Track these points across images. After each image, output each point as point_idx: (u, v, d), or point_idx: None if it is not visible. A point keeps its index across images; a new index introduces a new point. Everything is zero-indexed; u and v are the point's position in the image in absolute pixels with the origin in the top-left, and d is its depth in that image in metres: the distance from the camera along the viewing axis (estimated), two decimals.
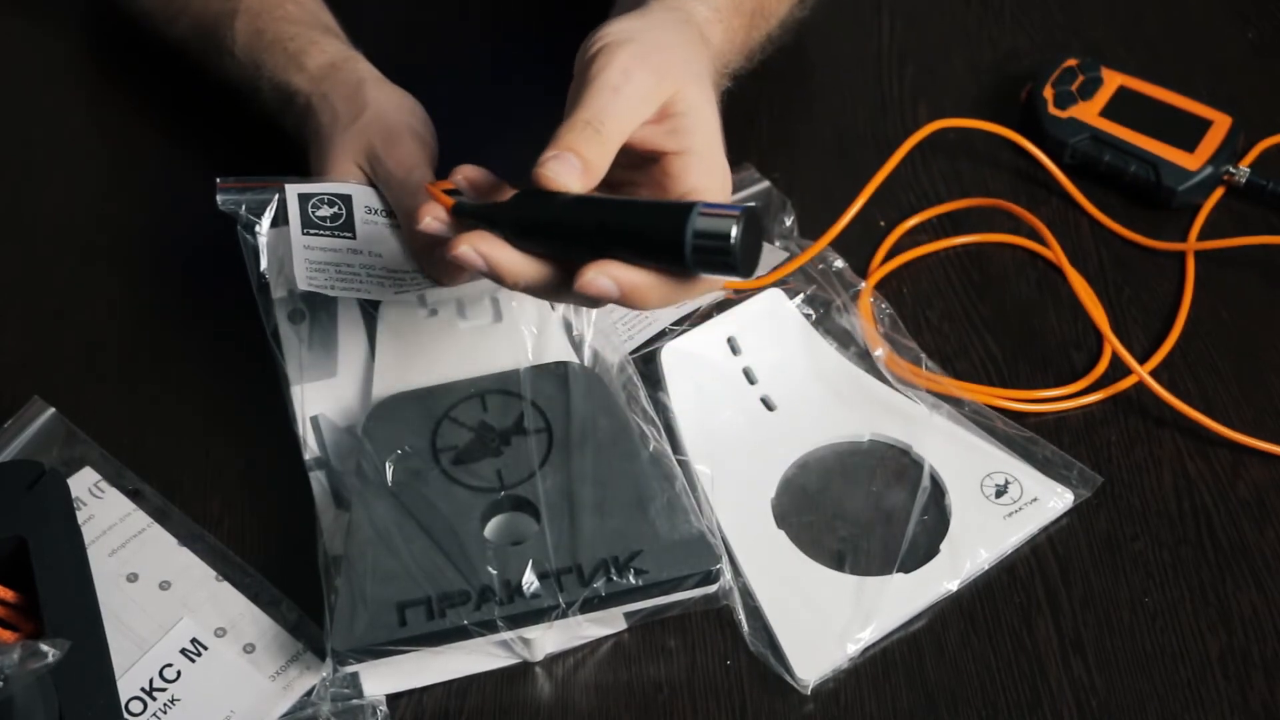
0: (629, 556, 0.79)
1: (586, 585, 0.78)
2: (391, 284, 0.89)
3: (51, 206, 1.05)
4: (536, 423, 0.84)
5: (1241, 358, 0.94)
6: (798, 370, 0.92)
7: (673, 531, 0.80)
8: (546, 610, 0.78)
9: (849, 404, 0.91)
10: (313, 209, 0.89)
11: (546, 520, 0.81)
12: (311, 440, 0.86)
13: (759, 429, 0.90)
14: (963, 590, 0.84)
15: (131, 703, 0.79)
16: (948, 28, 1.16)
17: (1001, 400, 0.92)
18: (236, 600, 0.83)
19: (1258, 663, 0.82)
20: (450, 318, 0.90)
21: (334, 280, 0.88)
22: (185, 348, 0.96)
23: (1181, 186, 1.01)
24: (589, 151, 0.75)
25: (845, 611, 0.83)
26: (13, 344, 0.97)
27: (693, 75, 0.80)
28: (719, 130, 0.80)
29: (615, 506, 0.81)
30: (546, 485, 0.82)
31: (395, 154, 0.89)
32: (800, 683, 0.81)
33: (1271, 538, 0.87)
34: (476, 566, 0.79)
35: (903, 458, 0.89)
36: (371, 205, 0.90)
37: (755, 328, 0.93)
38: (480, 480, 0.82)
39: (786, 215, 0.99)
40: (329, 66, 0.94)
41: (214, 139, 1.06)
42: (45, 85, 1.13)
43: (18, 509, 0.81)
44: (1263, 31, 1.15)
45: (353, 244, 0.89)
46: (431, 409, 0.85)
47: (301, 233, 0.88)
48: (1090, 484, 0.88)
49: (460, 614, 0.77)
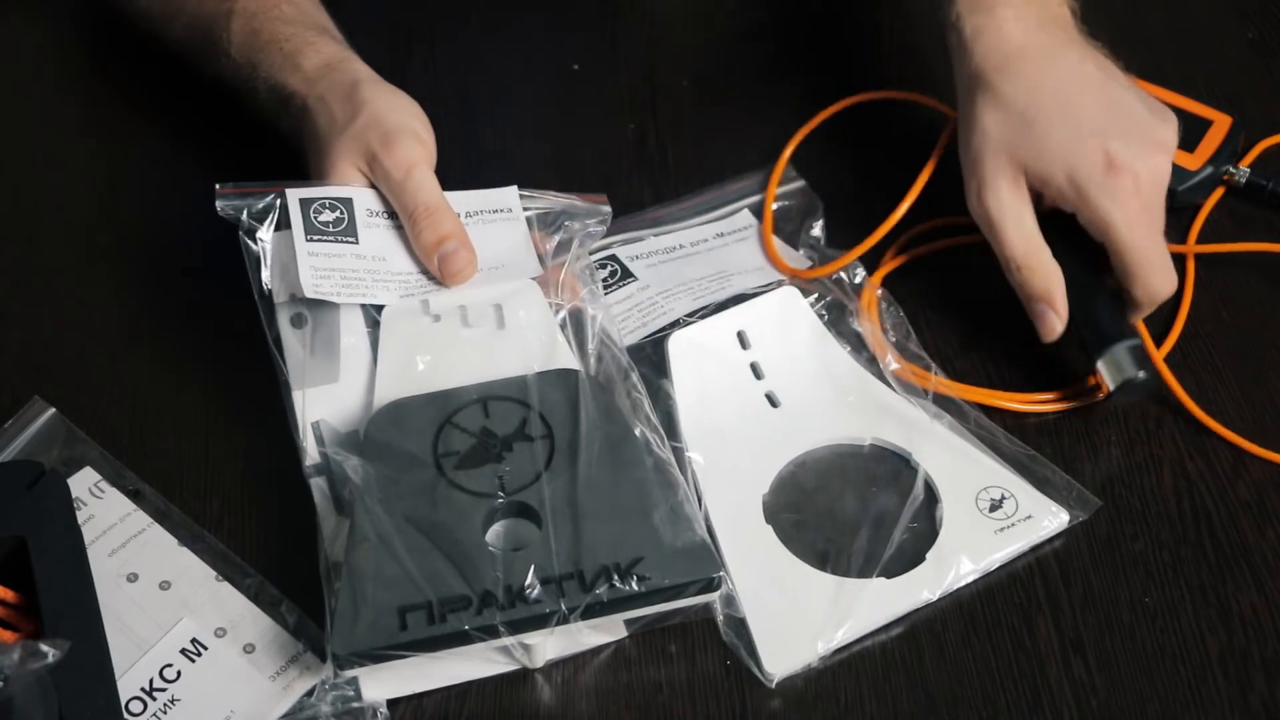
0: (631, 563, 0.79)
1: (588, 591, 0.78)
2: (397, 286, 0.89)
3: (51, 206, 1.05)
4: (539, 429, 0.84)
5: (1242, 358, 0.94)
6: (806, 369, 0.92)
7: (675, 539, 0.80)
8: (548, 616, 0.78)
9: (854, 406, 0.91)
10: (315, 214, 0.89)
11: (549, 526, 0.80)
12: (312, 446, 0.85)
13: (760, 424, 0.90)
14: (963, 590, 0.84)
15: (131, 703, 0.79)
16: None
17: (1002, 401, 0.92)
18: (236, 601, 0.83)
19: (1258, 663, 0.82)
20: (454, 325, 0.89)
21: (339, 286, 0.88)
22: (186, 347, 0.96)
23: (1181, 186, 1.01)
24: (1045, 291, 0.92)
25: (822, 610, 0.83)
26: (13, 344, 0.97)
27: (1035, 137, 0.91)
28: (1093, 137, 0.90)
29: (617, 513, 0.81)
30: (548, 491, 0.82)
31: (394, 155, 0.89)
32: (767, 676, 0.81)
33: (1271, 538, 0.87)
34: (478, 572, 0.79)
35: (901, 464, 0.89)
36: (373, 208, 0.90)
37: (767, 323, 0.93)
38: (482, 486, 0.82)
39: (815, 221, 1.00)
40: (325, 67, 0.94)
41: (213, 139, 1.06)
42: (45, 85, 1.13)
43: (18, 509, 0.81)
44: (1263, 31, 1.15)
45: (356, 249, 0.89)
46: (434, 415, 0.85)
47: (305, 239, 0.88)
48: (1089, 506, 0.87)
49: (461, 619, 0.77)
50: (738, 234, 1.00)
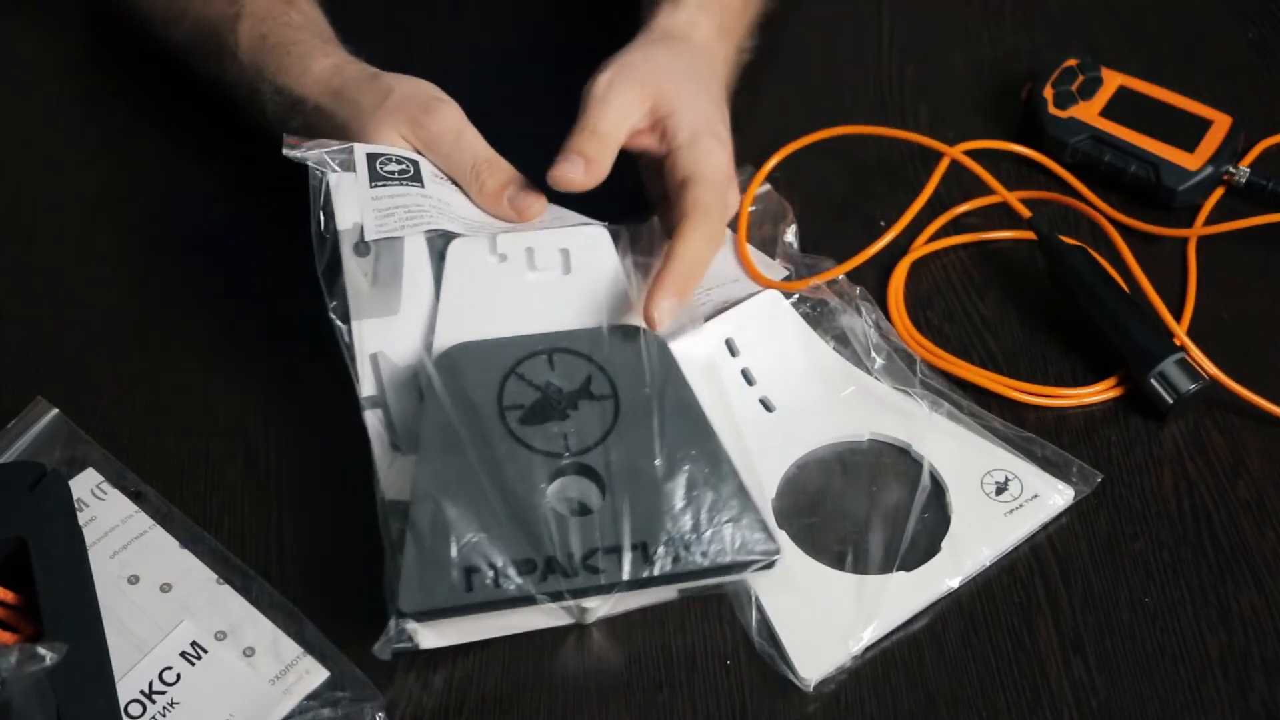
0: (693, 538, 0.80)
1: (649, 563, 0.79)
2: (462, 226, 0.88)
3: (51, 206, 1.05)
4: (603, 388, 0.84)
5: (1242, 359, 0.94)
6: (796, 370, 0.92)
7: (736, 515, 0.81)
8: (610, 585, 0.79)
9: (848, 403, 0.91)
10: (380, 165, 0.88)
11: (613, 492, 0.81)
12: (369, 378, 0.84)
13: (758, 430, 0.90)
14: (963, 589, 0.84)
15: (130, 705, 0.79)
16: (948, 28, 1.16)
17: (1019, 393, 0.92)
18: (237, 603, 0.83)
19: (1258, 663, 0.82)
20: (519, 267, 0.88)
21: (403, 221, 0.86)
22: (187, 348, 0.96)
23: (1181, 186, 1.01)
24: (589, 149, 0.89)
25: (847, 610, 0.83)
26: (15, 344, 0.97)
27: (673, 79, 0.92)
28: (714, 119, 0.92)
29: (679, 486, 0.81)
30: (612, 456, 0.82)
31: (440, 121, 0.90)
32: (803, 681, 0.81)
33: (1271, 538, 0.87)
34: (543, 534, 0.79)
35: (902, 457, 0.89)
36: (438, 172, 0.90)
37: (753, 328, 0.93)
38: (547, 444, 0.82)
39: (787, 227, 0.99)
40: (334, 69, 0.94)
41: (214, 139, 1.06)
42: (45, 85, 1.13)
43: (19, 510, 0.81)
44: (1263, 31, 1.15)
45: (421, 191, 0.88)
46: (499, 363, 0.84)
47: (370, 185, 0.87)
48: (1090, 481, 0.88)
49: (527, 584, 0.78)
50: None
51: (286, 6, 0.99)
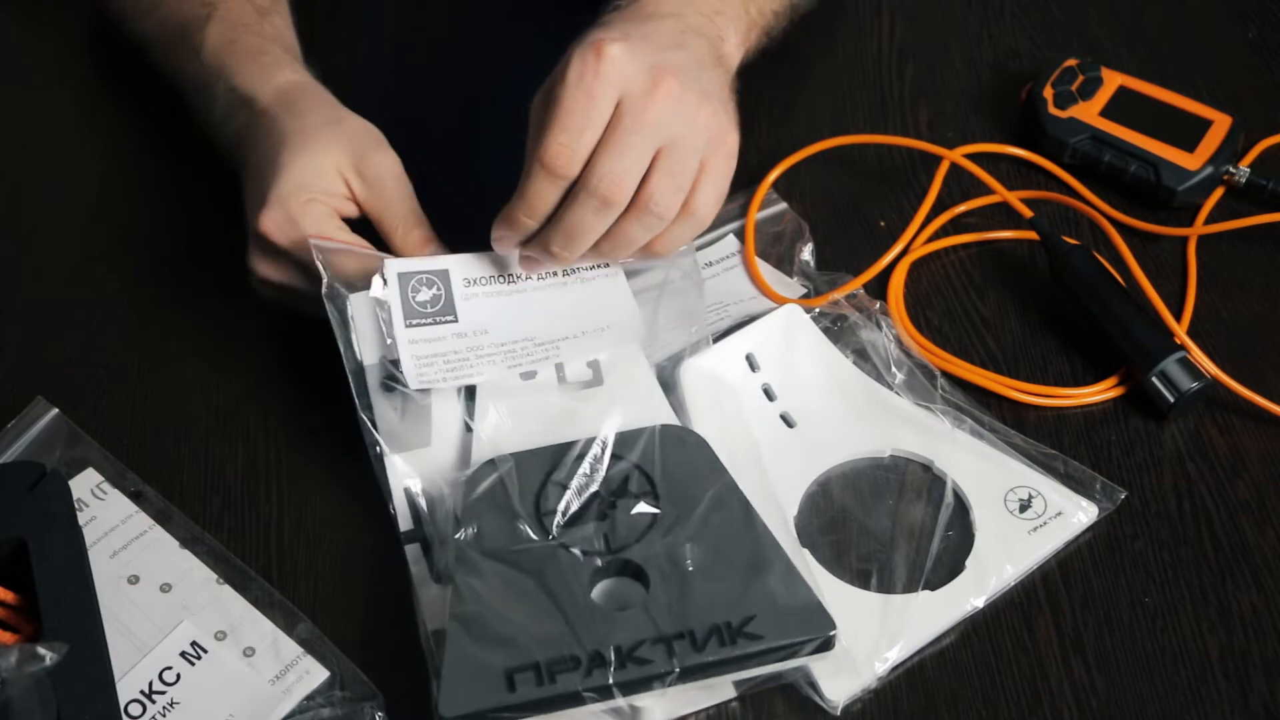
0: (743, 622, 0.78)
1: (700, 650, 0.77)
2: (501, 359, 0.87)
3: (51, 206, 1.05)
4: (642, 486, 0.83)
5: (1242, 359, 0.94)
6: (816, 386, 0.91)
7: (787, 597, 0.79)
8: (660, 676, 0.76)
9: (869, 419, 0.90)
10: (413, 293, 0.87)
11: (657, 584, 0.79)
12: (405, 513, 0.84)
13: (779, 446, 0.89)
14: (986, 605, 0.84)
15: (130, 705, 0.79)
16: (948, 28, 1.16)
17: (1019, 393, 0.92)
18: (237, 603, 0.83)
19: (1258, 663, 0.82)
20: (549, 381, 0.88)
21: (444, 372, 0.86)
22: (187, 348, 0.96)
23: (1181, 186, 1.01)
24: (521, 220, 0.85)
25: (872, 631, 0.82)
26: (15, 344, 0.97)
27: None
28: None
29: (727, 571, 0.80)
30: (655, 549, 0.80)
31: (386, 165, 0.90)
32: (829, 704, 0.80)
33: (1271, 538, 0.87)
34: (586, 631, 0.77)
35: (924, 473, 0.88)
36: (469, 276, 0.89)
37: (773, 343, 0.92)
38: (587, 544, 0.81)
39: (804, 245, 0.99)
40: (296, 85, 0.95)
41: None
42: (45, 85, 1.14)
43: (19, 510, 0.81)
44: (1263, 31, 1.15)
45: (456, 328, 0.87)
46: (534, 472, 0.83)
47: (405, 325, 0.86)
48: (1114, 497, 0.87)
49: (572, 680, 0.76)
50: (724, 262, 0.99)
51: (260, 18, 1.00)
